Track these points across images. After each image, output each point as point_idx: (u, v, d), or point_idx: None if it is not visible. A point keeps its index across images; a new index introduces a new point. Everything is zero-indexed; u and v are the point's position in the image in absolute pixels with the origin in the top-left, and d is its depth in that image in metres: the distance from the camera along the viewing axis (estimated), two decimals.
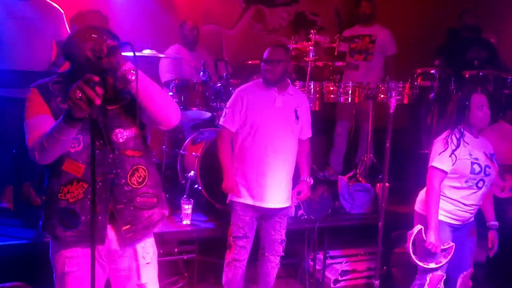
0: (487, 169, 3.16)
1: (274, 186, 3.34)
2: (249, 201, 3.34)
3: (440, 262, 3.18)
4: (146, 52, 4.33)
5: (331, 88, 4.78)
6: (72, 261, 2.18)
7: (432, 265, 3.19)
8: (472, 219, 3.29)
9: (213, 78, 4.70)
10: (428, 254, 3.17)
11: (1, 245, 3.33)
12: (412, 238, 3.20)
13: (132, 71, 2.03)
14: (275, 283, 3.67)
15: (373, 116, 4.97)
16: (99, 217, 2.13)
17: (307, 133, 3.57)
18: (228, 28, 6.55)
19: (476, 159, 3.15)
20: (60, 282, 2.23)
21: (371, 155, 4.98)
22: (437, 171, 3.14)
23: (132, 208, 2.20)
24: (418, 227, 3.20)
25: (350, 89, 4.75)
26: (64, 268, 2.20)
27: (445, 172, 3.14)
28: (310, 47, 4.65)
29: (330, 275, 4.26)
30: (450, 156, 3.12)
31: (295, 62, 5.13)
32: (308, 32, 4.82)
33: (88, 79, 1.78)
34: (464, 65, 5.11)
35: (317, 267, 4.22)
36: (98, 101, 1.80)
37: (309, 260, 4.20)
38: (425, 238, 3.13)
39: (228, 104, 3.44)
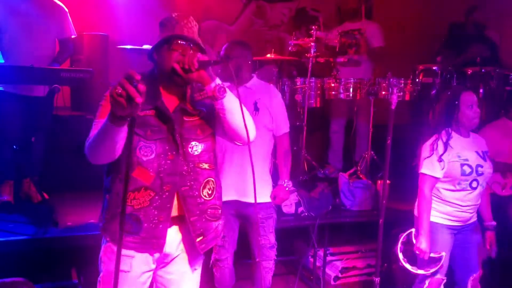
0: (479, 168, 3.10)
1: (237, 183, 3.22)
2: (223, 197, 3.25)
3: (429, 270, 3.13)
4: (146, 47, 4.32)
5: (332, 85, 4.77)
6: (127, 260, 2.14)
7: (420, 271, 3.16)
8: (474, 219, 3.24)
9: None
10: (418, 259, 3.14)
11: (1, 240, 3.32)
12: (401, 240, 3.19)
13: (222, 88, 2.02)
14: (275, 281, 3.66)
15: (373, 112, 4.95)
16: (160, 226, 2.11)
17: (283, 128, 3.38)
18: (229, 24, 6.54)
19: (466, 160, 3.08)
20: (109, 281, 2.15)
21: (372, 152, 4.97)
22: (427, 177, 3.10)
23: (204, 220, 2.20)
24: (410, 230, 3.19)
25: (351, 85, 4.74)
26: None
27: (435, 178, 3.09)
28: (311, 43, 4.63)
29: (330, 272, 4.26)
30: (438, 161, 3.07)
31: (296, 58, 5.12)
32: (309, 28, 4.80)
33: (130, 76, 1.70)
34: (466, 61, 5.09)
35: (317, 264, 4.22)
36: (139, 99, 1.69)
37: (309, 257, 4.20)
38: (414, 242, 3.11)
39: None
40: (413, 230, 3.19)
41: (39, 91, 3.93)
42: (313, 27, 4.71)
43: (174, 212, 2.16)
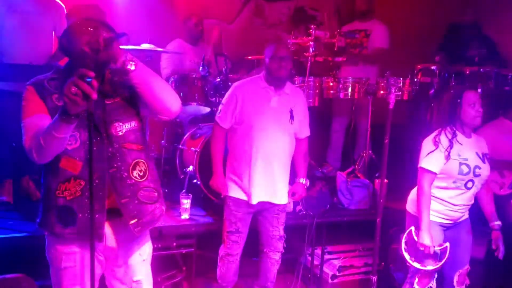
0: (477, 169, 3.10)
1: (266, 186, 3.33)
2: (242, 196, 3.35)
3: (438, 264, 3.14)
4: (145, 46, 4.32)
5: (331, 84, 4.78)
6: (69, 257, 2.18)
7: (429, 267, 3.16)
8: (466, 217, 3.26)
9: (213, 73, 4.69)
10: (424, 256, 3.14)
11: (1, 238, 3.34)
12: (404, 240, 3.20)
13: (130, 62, 2.01)
14: None
15: (372, 112, 4.96)
16: (96, 215, 2.09)
17: (305, 132, 3.54)
18: (228, 23, 6.53)
19: (465, 159, 3.09)
20: (57, 277, 2.24)
21: (370, 151, 4.99)
22: (426, 172, 3.11)
23: (136, 202, 2.18)
24: (409, 229, 3.19)
25: (350, 84, 4.75)
26: (60, 264, 2.20)
27: (434, 173, 3.10)
28: (310, 42, 4.64)
29: (327, 270, 4.27)
30: (439, 156, 3.08)
31: (295, 57, 5.13)
32: (308, 27, 4.80)
33: (83, 74, 1.75)
34: (464, 61, 5.09)
35: (315, 262, 4.23)
36: (94, 96, 1.76)
37: (307, 255, 4.21)
38: (416, 239, 3.12)
39: (224, 99, 3.42)
40: (412, 228, 3.19)
41: None
42: (312, 26, 4.72)
43: (111, 204, 2.16)
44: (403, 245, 3.21)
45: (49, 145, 1.94)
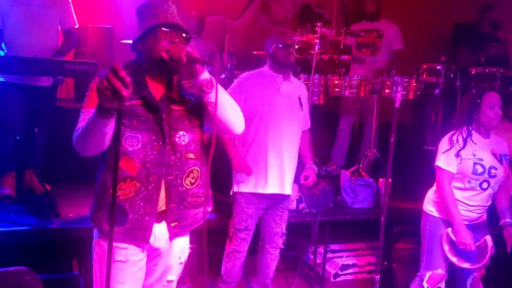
0: (492, 170, 3.08)
1: (278, 173, 3.34)
2: (253, 189, 3.33)
3: (483, 260, 3.14)
4: None
5: (336, 82, 4.77)
6: (122, 252, 2.14)
7: (477, 265, 3.15)
8: (483, 219, 3.22)
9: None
10: (466, 254, 3.11)
11: (4, 231, 3.34)
12: (445, 245, 3.16)
13: (211, 84, 1.99)
14: (274, 276, 3.68)
15: (378, 111, 4.95)
16: (146, 217, 2.09)
17: (307, 124, 3.60)
18: (233, 19, 6.52)
19: (480, 159, 3.07)
20: (102, 274, 2.13)
21: (375, 150, 4.97)
22: (444, 172, 3.09)
23: (182, 207, 2.17)
24: (446, 231, 3.15)
25: (356, 83, 4.73)
26: (114, 256, 2.11)
27: (451, 173, 3.09)
28: (316, 40, 4.63)
29: (330, 269, 4.27)
30: (455, 156, 3.07)
31: (301, 55, 5.11)
32: (314, 25, 4.79)
33: (115, 69, 1.67)
34: (478, 61, 5.08)
35: (318, 261, 4.22)
36: (125, 93, 1.68)
37: (310, 253, 4.20)
38: (455, 240, 3.09)
39: (229, 89, 3.38)
40: (449, 229, 3.14)
41: (44, 81, 3.93)
42: (318, 24, 4.70)
43: (162, 206, 2.14)
44: (445, 248, 3.15)
45: (87, 137, 1.90)
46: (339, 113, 5.65)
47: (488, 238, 3.15)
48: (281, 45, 3.31)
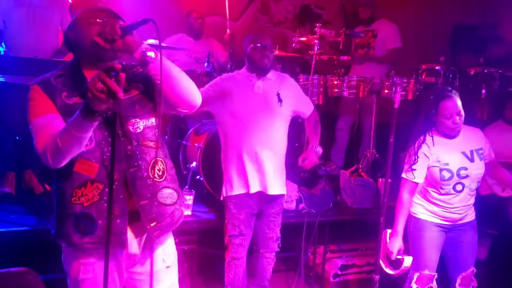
0: (462, 171, 3.01)
1: (257, 171, 3.28)
2: (238, 191, 3.29)
3: (395, 271, 3.18)
4: (151, 41, 4.31)
5: (335, 82, 4.78)
6: (88, 268, 2.02)
7: (388, 270, 3.22)
8: (469, 219, 3.20)
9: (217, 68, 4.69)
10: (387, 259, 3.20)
11: (3, 231, 3.34)
12: (388, 237, 3.22)
13: (151, 51, 1.88)
14: (274, 276, 3.67)
15: (377, 111, 4.96)
16: (118, 220, 1.95)
17: (309, 108, 3.51)
18: (233, 20, 6.52)
19: (446, 164, 3.02)
20: None
21: (374, 150, 4.98)
22: (406, 181, 3.12)
23: (156, 203, 2.02)
24: (386, 230, 3.21)
25: (355, 83, 4.74)
26: (78, 275, 2.03)
27: (414, 183, 3.10)
28: (315, 41, 4.63)
29: (329, 269, 4.26)
30: (417, 167, 3.06)
31: (300, 55, 5.12)
32: (313, 25, 4.80)
33: (109, 68, 1.59)
34: (477, 62, 5.09)
35: (317, 261, 4.23)
36: (121, 94, 1.61)
37: (309, 253, 4.20)
38: (388, 241, 3.17)
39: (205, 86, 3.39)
40: (388, 230, 3.22)
41: None
42: (317, 24, 4.71)
43: (130, 207, 2.00)
44: (387, 240, 3.21)
45: (67, 145, 1.78)
46: (338, 114, 5.65)
47: (407, 259, 3.12)
48: (257, 46, 3.25)
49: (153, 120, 2.05)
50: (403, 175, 3.14)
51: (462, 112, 3.00)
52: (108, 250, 1.75)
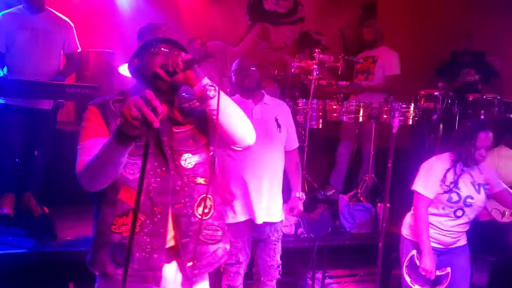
0: (468, 199, 3.07)
1: (262, 201, 3.22)
2: (239, 218, 3.23)
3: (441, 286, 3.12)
4: None
5: (334, 107, 4.81)
6: None
7: None
8: (461, 244, 3.21)
9: None
10: (425, 280, 3.12)
11: (1, 253, 3.32)
12: (405, 264, 3.17)
13: (211, 87, 1.83)
14: None
15: (376, 136, 4.98)
16: (154, 255, 1.86)
17: (294, 143, 3.42)
18: (233, 45, 6.60)
19: (458, 188, 3.08)
20: None
21: (373, 175, 4.98)
22: (422, 197, 3.11)
23: (198, 242, 1.93)
24: (412, 252, 3.17)
25: (354, 108, 4.77)
26: None
27: (429, 199, 3.10)
28: (314, 66, 4.68)
29: None
30: (439, 184, 3.07)
31: (299, 80, 5.17)
32: (313, 51, 4.85)
33: (147, 99, 1.52)
34: (455, 88, 5.18)
35: (316, 286, 4.19)
36: (157, 124, 1.52)
37: (308, 279, 4.17)
38: (418, 264, 3.10)
39: None
40: (414, 252, 3.17)
41: (44, 104, 3.97)
42: (316, 50, 4.76)
43: (171, 241, 1.91)
44: (404, 269, 3.17)
45: (101, 168, 1.72)
46: (339, 138, 5.67)
47: (449, 270, 3.11)
48: (237, 68, 3.26)
49: (205, 155, 2.00)
50: (417, 188, 3.12)
51: (490, 148, 3.11)
52: (125, 281, 1.64)
